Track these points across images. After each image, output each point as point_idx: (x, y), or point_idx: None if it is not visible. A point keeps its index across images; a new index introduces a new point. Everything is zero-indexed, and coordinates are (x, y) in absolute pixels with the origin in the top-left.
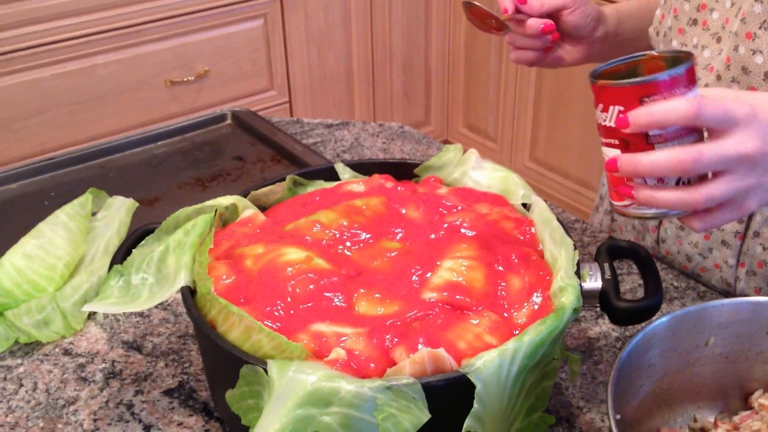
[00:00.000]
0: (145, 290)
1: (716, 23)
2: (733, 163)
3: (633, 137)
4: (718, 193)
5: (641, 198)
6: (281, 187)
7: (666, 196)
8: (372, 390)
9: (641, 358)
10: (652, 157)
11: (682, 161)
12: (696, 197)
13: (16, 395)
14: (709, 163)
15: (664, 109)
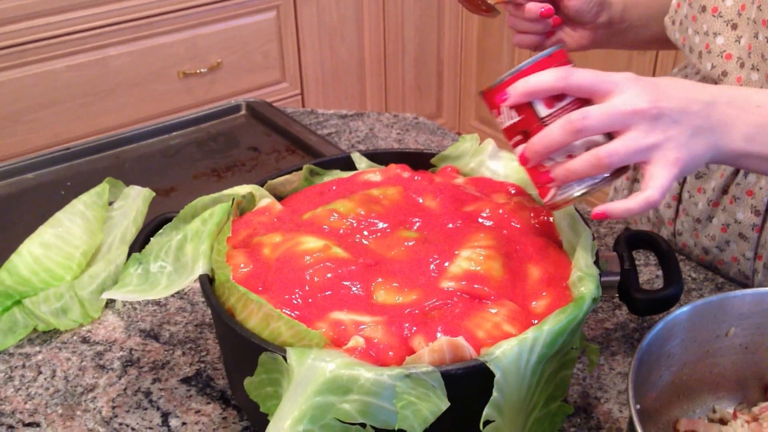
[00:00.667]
0: (163, 278)
1: (731, 10)
2: (627, 118)
3: (530, 125)
4: (621, 148)
5: (558, 175)
6: (298, 176)
7: (576, 163)
8: (391, 378)
9: (661, 349)
10: (546, 130)
11: (572, 122)
12: (601, 155)
13: (35, 382)
14: (599, 121)
15: (536, 76)
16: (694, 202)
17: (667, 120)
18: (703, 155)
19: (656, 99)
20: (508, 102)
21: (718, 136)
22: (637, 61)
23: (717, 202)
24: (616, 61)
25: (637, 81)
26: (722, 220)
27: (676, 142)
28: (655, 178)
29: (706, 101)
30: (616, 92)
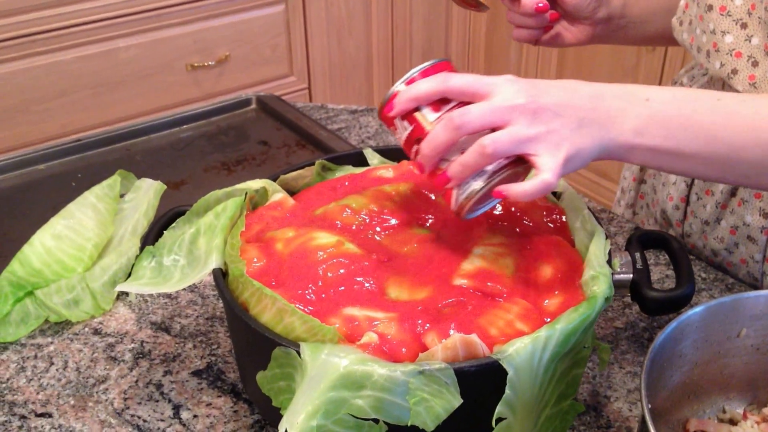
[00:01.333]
0: (176, 272)
1: (740, 9)
2: (506, 114)
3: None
4: (504, 136)
5: (453, 172)
6: (310, 171)
7: (465, 156)
8: (404, 374)
9: (673, 349)
10: (431, 133)
11: (452, 119)
12: (485, 143)
13: (47, 373)
14: (478, 116)
15: (417, 84)
16: (702, 204)
17: (548, 113)
18: (591, 147)
19: (535, 95)
20: (393, 111)
21: (606, 128)
22: (646, 59)
23: (725, 205)
24: (625, 58)
25: (516, 81)
26: (731, 222)
27: (559, 134)
28: (545, 163)
29: (591, 94)
30: (496, 92)
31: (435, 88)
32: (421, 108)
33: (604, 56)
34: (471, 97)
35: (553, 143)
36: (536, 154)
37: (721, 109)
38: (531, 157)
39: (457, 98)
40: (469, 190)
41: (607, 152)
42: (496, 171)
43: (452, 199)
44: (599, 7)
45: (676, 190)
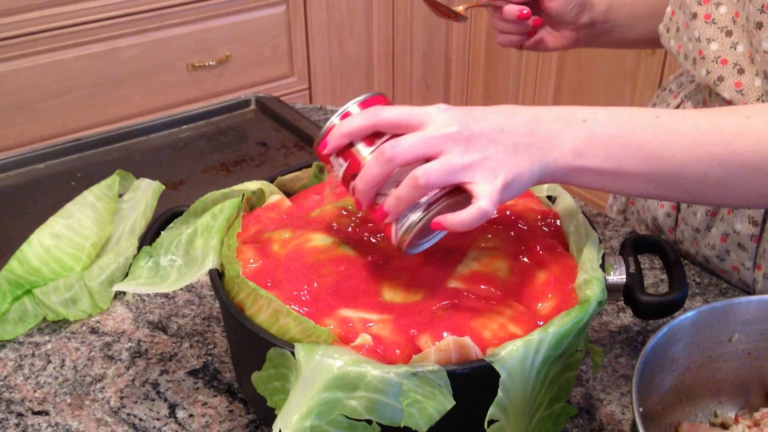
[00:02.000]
0: (173, 272)
1: (725, 17)
2: (438, 143)
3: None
4: (436, 166)
5: (389, 206)
6: (307, 173)
7: (399, 189)
8: (398, 376)
9: (665, 353)
10: (364, 167)
11: (383, 151)
12: (417, 175)
13: (44, 371)
14: (409, 147)
15: (349, 120)
16: (693, 212)
17: (482, 140)
18: (530, 171)
19: (468, 123)
20: (327, 149)
21: (545, 151)
22: (645, 62)
23: (715, 212)
24: (624, 61)
25: (449, 109)
26: (721, 229)
27: (495, 161)
28: (482, 190)
29: (526, 119)
30: (428, 122)
31: (366, 122)
32: (355, 143)
33: (604, 58)
34: (403, 129)
35: (489, 170)
36: (472, 182)
37: (660, 127)
38: (467, 185)
39: (389, 131)
40: (407, 224)
41: (548, 175)
42: (433, 202)
43: (392, 233)
44: (582, 12)
45: None
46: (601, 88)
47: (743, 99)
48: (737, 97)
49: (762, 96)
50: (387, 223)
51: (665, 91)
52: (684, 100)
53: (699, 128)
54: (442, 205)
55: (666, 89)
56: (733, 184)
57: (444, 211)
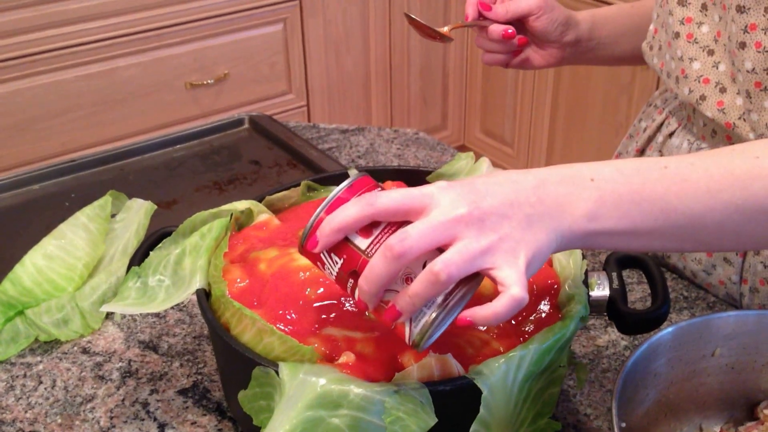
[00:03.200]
0: (161, 292)
1: (707, 36)
2: (450, 228)
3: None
4: (456, 256)
5: (403, 306)
6: (296, 192)
7: (414, 286)
8: (380, 393)
9: (647, 368)
10: (368, 266)
11: (390, 247)
12: (436, 270)
13: (35, 392)
14: (420, 238)
15: (340, 211)
16: None
17: (494, 218)
18: (548, 243)
19: (475, 201)
20: (318, 247)
21: (557, 219)
22: (640, 76)
23: None
24: (620, 76)
25: (451, 188)
26: None
27: (512, 239)
28: (508, 276)
29: (533, 186)
30: (432, 205)
31: (362, 212)
32: (349, 237)
33: (600, 72)
34: (404, 215)
35: (508, 251)
36: (494, 267)
37: (671, 178)
38: (489, 271)
39: (388, 219)
40: (423, 321)
41: (564, 243)
42: (450, 293)
43: (405, 333)
44: (567, 30)
45: None
46: (598, 102)
47: (725, 118)
48: (719, 116)
49: (743, 114)
50: (399, 323)
51: (650, 107)
52: (669, 115)
53: (711, 175)
54: (459, 295)
55: (651, 105)
56: (751, 229)
57: (460, 302)
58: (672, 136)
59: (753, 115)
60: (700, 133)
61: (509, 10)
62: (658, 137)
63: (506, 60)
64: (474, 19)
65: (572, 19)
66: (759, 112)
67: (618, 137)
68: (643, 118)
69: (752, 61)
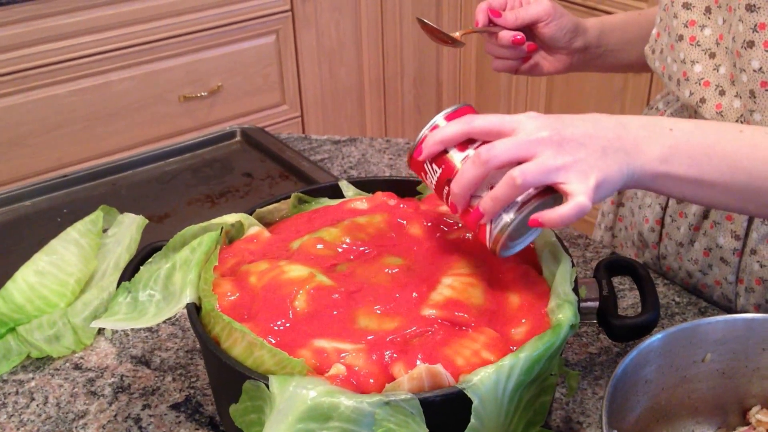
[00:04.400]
0: (152, 307)
1: (709, 39)
2: (531, 146)
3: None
4: (532, 166)
5: (485, 206)
6: (286, 204)
7: (495, 189)
8: (371, 405)
9: (637, 375)
10: (460, 171)
11: (479, 154)
12: (514, 174)
13: (27, 409)
14: (504, 150)
15: (443, 128)
16: (677, 227)
17: (573, 144)
18: (619, 175)
19: (558, 128)
20: (422, 155)
21: (632, 156)
22: (633, 82)
23: (698, 227)
24: (613, 82)
25: (539, 116)
26: (704, 244)
27: (586, 163)
28: (577, 188)
29: (614, 124)
30: (520, 128)
31: (460, 129)
32: (448, 150)
33: (593, 79)
34: (496, 135)
35: (580, 171)
36: (566, 182)
37: (744, 140)
38: (561, 185)
39: (482, 138)
40: (502, 223)
41: (633, 180)
42: (526, 202)
43: (486, 234)
44: (575, 37)
45: (652, 213)
46: (590, 109)
47: (723, 120)
48: (717, 119)
49: (740, 118)
50: (482, 225)
51: (652, 110)
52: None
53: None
54: (534, 205)
55: (653, 108)
56: None
57: (536, 211)
58: None
59: (756, 116)
60: None
61: (518, 16)
62: None
63: (515, 66)
64: (484, 25)
65: (581, 26)
66: (763, 112)
67: None
68: None
69: (760, 60)
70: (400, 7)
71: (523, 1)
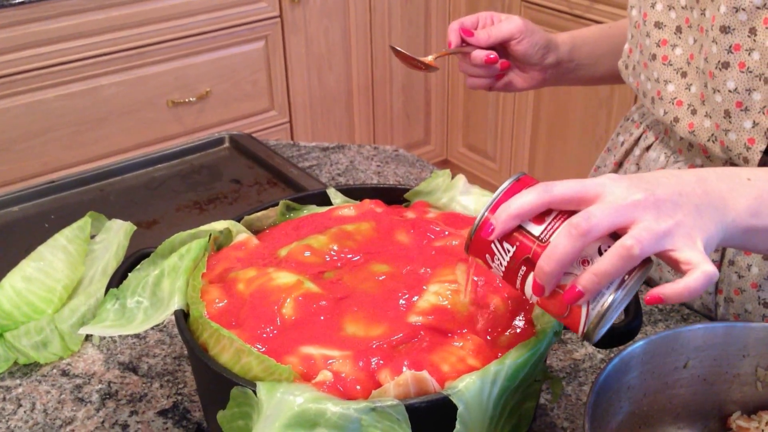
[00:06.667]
0: (140, 313)
1: (680, 59)
2: (629, 211)
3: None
4: (644, 233)
5: (586, 283)
6: (274, 211)
7: (603, 262)
8: (357, 411)
9: (619, 381)
10: (551, 245)
11: (576, 225)
12: (628, 244)
13: (14, 415)
14: (604, 217)
15: (517, 198)
16: None
17: (669, 205)
18: (716, 233)
19: (649, 188)
20: (496, 232)
21: (722, 211)
22: (620, 90)
23: None
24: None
25: (622, 178)
26: None
27: (687, 225)
28: (692, 256)
29: (695, 181)
30: (605, 193)
31: (539, 199)
32: (522, 224)
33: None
34: (578, 203)
35: (685, 235)
36: (675, 248)
37: None
38: (670, 252)
39: (563, 207)
40: (605, 303)
41: (727, 237)
42: (629, 275)
43: (582, 317)
44: (547, 53)
45: None
46: (578, 116)
47: (696, 140)
48: (690, 138)
49: (711, 137)
50: (575, 307)
51: (628, 121)
52: (646, 129)
53: None
54: (636, 278)
55: (629, 119)
56: None
57: (635, 286)
58: (649, 149)
59: (731, 135)
60: (677, 146)
61: (491, 35)
62: (636, 151)
63: (490, 84)
64: (457, 45)
65: (552, 42)
66: (738, 132)
67: (598, 150)
68: (621, 132)
69: (735, 81)
70: (389, 14)
71: (494, 19)
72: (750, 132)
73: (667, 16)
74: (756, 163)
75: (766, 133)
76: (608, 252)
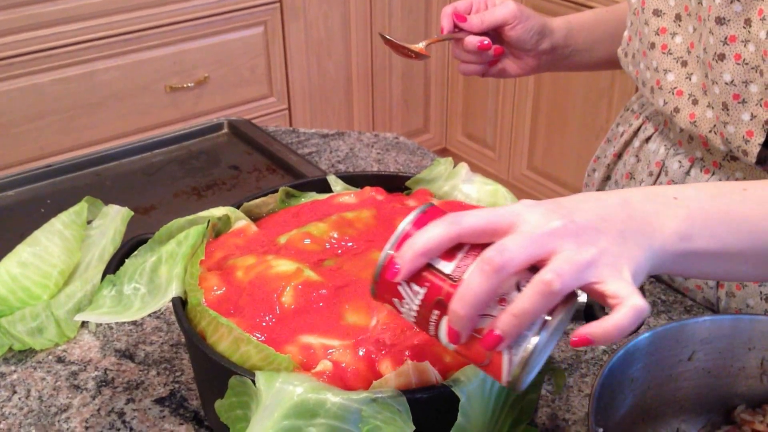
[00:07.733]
0: (137, 300)
1: (680, 47)
2: (547, 241)
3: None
4: (565, 265)
5: (504, 325)
6: (274, 198)
7: (520, 304)
8: (357, 402)
9: (624, 373)
10: (463, 285)
11: (489, 260)
12: (548, 280)
13: (9, 402)
14: (519, 250)
15: (423, 232)
16: None
17: (590, 232)
18: (644, 260)
19: (567, 215)
20: (401, 273)
21: (649, 237)
22: (620, 79)
23: None
24: (600, 79)
25: (538, 204)
26: None
27: (611, 254)
28: (619, 288)
29: (618, 203)
30: (519, 222)
31: (447, 233)
32: (431, 262)
33: (580, 77)
34: (491, 235)
35: (610, 265)
36: (600, 280)
37: (754, 200)
38: (595, 285)
39: (474, 240)
40: (528, 348)
41: (657, 264)
42: (551, 313)
43: (503, 364)
44: (542, 39)
45: None
46: (578, 106)
47: (697, 130)
48: (691, 129)
49: (713, 128)
50: (496, 353)
51: (627, 111)
52: (646, 120)
53: None
54: (560, 317)
55: (629, 110)
56: None
57: (560, 326)
58: (648, 141)
59: (729, 128)
60: (676, 138)
61: (484, 20)
62: (635, 142)
63: (483, 70)
64: (450, 31)
65: (547, 28)
66: (736, 124)
67: (598, 140)
68: (621, 122)
69: (731, 73)
70: (389, 1)
71: (488, 3)
72: (748, 124)
73: (666, 4)
74: (755, 156)
75: (764, 125)
76: (526, 289)
